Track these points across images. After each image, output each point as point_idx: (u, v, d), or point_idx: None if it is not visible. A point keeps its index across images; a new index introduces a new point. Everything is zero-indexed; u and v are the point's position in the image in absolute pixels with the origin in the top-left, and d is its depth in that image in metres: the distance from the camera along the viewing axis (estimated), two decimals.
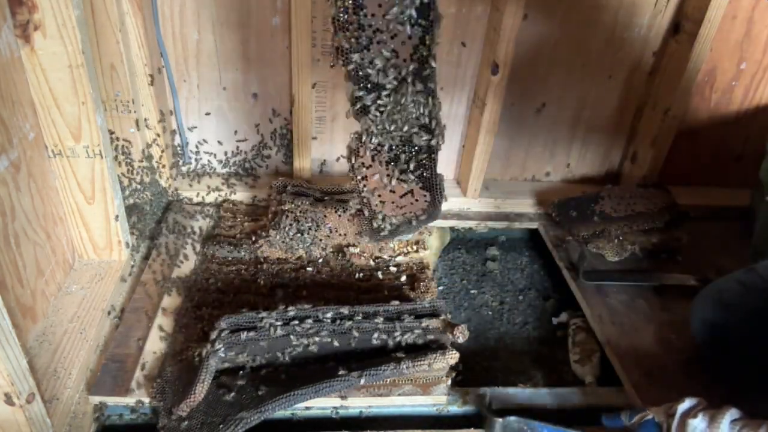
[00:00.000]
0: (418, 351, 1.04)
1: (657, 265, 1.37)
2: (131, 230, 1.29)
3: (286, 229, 1.29)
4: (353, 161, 1.00)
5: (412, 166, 0.99)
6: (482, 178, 1.52)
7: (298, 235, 1.30)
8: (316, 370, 1.01)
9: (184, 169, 1.52)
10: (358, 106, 0.95)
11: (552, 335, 1.34)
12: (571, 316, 1.34)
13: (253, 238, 1.31)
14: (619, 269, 1.35)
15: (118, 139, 1.31)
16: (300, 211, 1.30)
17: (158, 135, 1.36)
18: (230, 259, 1.29)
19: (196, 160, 1.51)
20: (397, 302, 1.10)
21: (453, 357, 1.03)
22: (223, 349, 0.99)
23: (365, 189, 1.02)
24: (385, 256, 1.32)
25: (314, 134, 1.48)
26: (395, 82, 0.92)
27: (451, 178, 1.61)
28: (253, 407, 0.93)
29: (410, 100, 0.93)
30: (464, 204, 1.54)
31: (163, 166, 1.40)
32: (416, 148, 0.98)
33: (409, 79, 0.93)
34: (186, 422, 0.93)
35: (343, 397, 1.01)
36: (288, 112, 1.45)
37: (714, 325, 1.08)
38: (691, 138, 1.57)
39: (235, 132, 1.49)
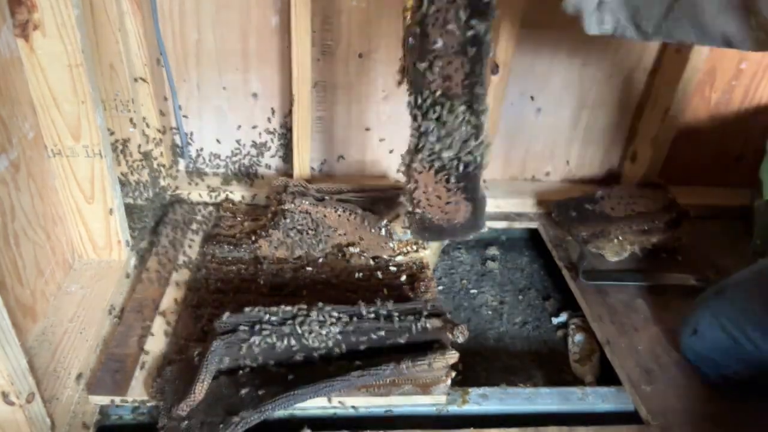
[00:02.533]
0: (417, 351, 1.04)
1: (657, 265, 1.36)
2: (131, 230, 1.29)
3: (286, 229, 1.29)
4: (408, 164, 1.07)
5: (458, 178, 1.06)
6: (482, 178, 1.51)
7: (298, 234, 1.30)
8: (315, 369, 1.01)
9: (183, 168, 1.52)
10: (416, 123, 1.02)
11: (552, 335, 1.34)
12: (571, 316, 1.34)
13: (253, 238, 1.31)
14: (619, 269, 1.35)
15: (117, 138, 1.31)
16: (300, 211, 1.30)
17: (158, 134, 1.36)
18: (230, 258, 1.29)
19: (195, 159, 1.51)
20: (397, 302, 1.10)
21: (453, 357, 1.03)
22: (223, 348, 0.99)
23: (416, 192, 1.09)
24: (385, 256, 1.32)
25: (314, 134, 1.48)
26: (452, 103, 1.00)
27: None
28: (253, 407, 0.93)
29: (461, 121, 1.01)
30: None
31: (163, 166, 1.40)
32: (464, 162, 1.05)
33: (461, 102, 1.00)
34: (186, 422, 0.93)
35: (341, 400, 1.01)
36: (288, 112, 1.45)
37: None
38: (691, 138, 1.57)
39: (235, 131, 1.49)
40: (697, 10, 0.84)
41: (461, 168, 1.05)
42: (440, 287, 1.44)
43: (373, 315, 1.07)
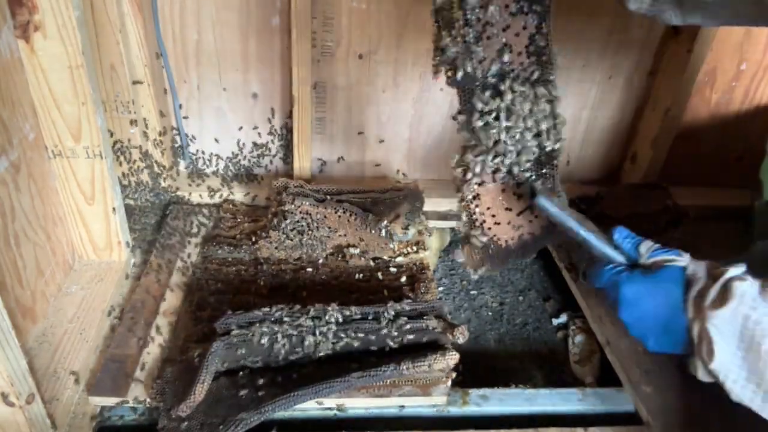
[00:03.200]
0: (418, 352, 1.04)
1: None
2: (131, 231, 1.29)
3: (287, 230, 1.29)
4: (463, 177, 0.87)
5: (531, 176, 0.87)
6: None
7: (299, 235, 1.30)
8: (316, 370, 1.01)
9: (183, 169, 1.52)
10: (470, 116, 0.82)
11: (552, 336, 1.34)
12: (571, 317, 1.34)
13: (253, 239, 1.31)
14: None
15: (118, 139, 1.31)
16: (300, 212, 1.30)
17: (158, 135, 1.36)
18: (230, 259, 1.29)
19: (196, 160, 1.51)
20: (397, 303, 1.10)
21: (453, 358, 1.03)
22: (223, 349, 0.99)
23: (477, 209, 0.88)
24: (385, 257, 1.32)
25: (314, 134, 1.48)
26: (514, 84, 0.82)
27: (452, 178, 1.61)
28: (253, 408, 0.93)
29: (530, 103, 0.82)
30: None
31: (163, 167, 1.40)
32: (536, 158, 0.86)
33: (526, 79, 0.81)
34: (186, 423, 0.93)
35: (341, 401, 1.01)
36: (288, 113, 1.45)
37: None
38: (691, 138, 1.57)
39: (236, 132, 1.49)
40: None
41: (534, 164, 0.86)
42: (440, 288, 1.44)
43: (373, 316, 1.07)
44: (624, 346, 1.15)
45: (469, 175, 0.87)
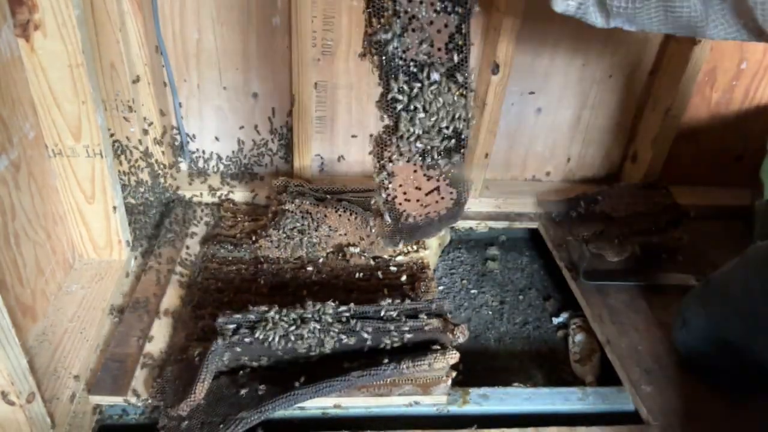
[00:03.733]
0: (418, 351, 1.04)
1: (657, 265, 1.36)
2: (131, 230, 1.29)
3: (287, 229, 1.29)
4: (380, 155, 0.96)
5: (441, 162, 0.96)
6: (483, 177, 1.52)
7: (299, 234, 1.30)
8: (316, 369, 1.01)
9: (184, 168, 1.52)
10: (389, 98, 0.90)
11: (552, 335, 1.34)
12: (572, 316, 1.34)
13: (253, 238, 1.31)
14: (619, 269, 1.35)
15: (118, 138, 1.31)
16: (300, 211, 1.30)
17: (158, 134, 1.36)
18: (230, 258, 1.29)
19: (196, 159, 1.51)
20: (397, 302, 1.10)
21: (453, 357, 1.03)
22: (223, 348, 0.99)
23: (390, 185, 0.97)
24: (385, 256, 1.32)
25: (314, 134, 1.48)
26: (431, 74, 0.89)
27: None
28: (253, 407, 0.93)
29: (445, 93, 0.90)
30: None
31: (163, 166, 1.40)
32: (447, 143, 0.95)
33: (444, 71, 0.89)
34: (186, 422, 0.93)
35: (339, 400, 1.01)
36: (288, 112, 1.45)
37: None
38: (691, 138, 1.57)
39: (236, 132, 1.49)
40: None
41: (445, 150, 0.94)
42: (441, 287, 1.44)
43: (373, 315, 1.07)
44: (624, 346, 1.16)
45: (386, 155, 0.95)
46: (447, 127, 0.94)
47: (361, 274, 1.28)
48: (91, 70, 1.03)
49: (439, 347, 1.04)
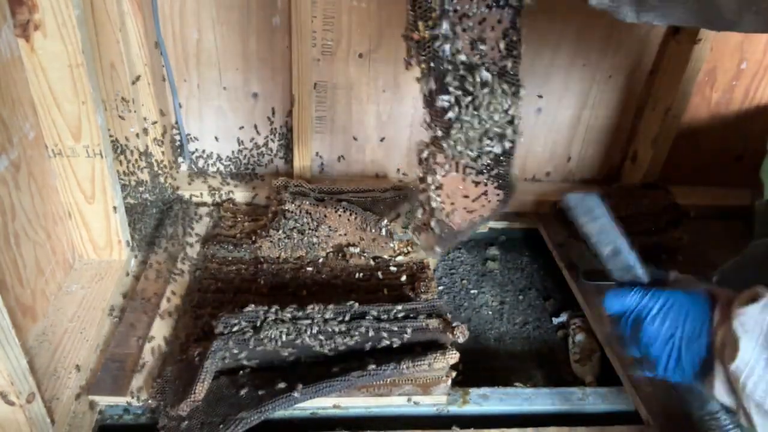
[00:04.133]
0: (418, 351, 1.04)
1: (657, 265, 1.36)
2: (131, 230, 1.29)
3: (287, 229, 1.29)
4: (427, 167, 0.90)
5: (491, 166, 0.89)
6: None
7: (299, 234, 1.30)
8: (316, 369, 1.01)
9: (184, 168, 1.52)
10: (439, 107, 0.84)
11: (552, 335, 1.34)
12: (571, 316, 1.34)
13: (253, 238, 1.31)
14: None
15: (118, 138, 1.31)
16: (300, 211, 1.30)
17: (158, 134, 1.36)
18: (230, 259, 1.29)
19: (196, 159, 1.51)
20: (397, 302, 1.10)
21: (453, 357, 1.03)
22: (223, 348, 0.99)
23: (439, 198, 0.91)
24: (385, 256, 1.32)
25: (315, 134, 1.48)
26: (484, 76, 0.82)
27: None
28: (253, 407, 0.93)
29: (498, 95, 0.83)
30: None
31: (164, 166, 1.40)
32: (498, 147, 0.88)
33: (497, 72, 0.81)
34: (186, 422, 0.93)
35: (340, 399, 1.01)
36: (288, 112, 1.45)
37: None
38: (691, 138, 1.57)
39: (236, 132, 1.49)
40: None
41: (495, 154, 0.87)
42: (440, 287, 1.44)
43: (373, 315, 1.07)
44: None
45: (434, 167, 0.89)
46: (499, 131, 0.87)
47: (361, 274, 1.28)
48: (91, 70, 1.03)
49: (439, 347, 1.04)
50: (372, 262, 1.31)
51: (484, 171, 0.90)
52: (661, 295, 0.81)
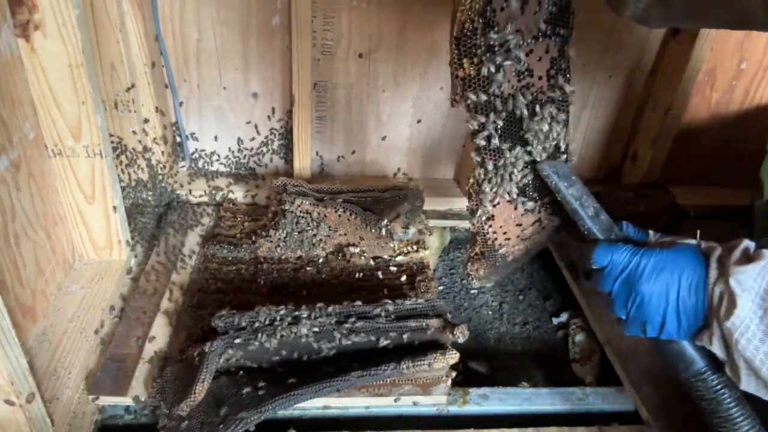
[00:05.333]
0: (418, 351, 1.04)
1: None
2: (131, 230, 1.29)
3: (287, 229, 1.29)
4: (479, 201, 0.88)
5: (544, 194, 0.88)
6: None
7: (298, 235, 1.30)
8: (316, 369, 1.01)
9: (183, 168, 1.52)
10: (492, 146, 0.82)
11: (552, 335, 1.34)
12: (572, 316, 1.34)
13: (253, 238, 1.31)
14: None
15: (118, 138, 1.31)
16: (300, 211, 1.30)
17: (158, 135, 1.36)
18: (230, 259, 1.29)
19: (195, 159, 1.51)
20: (397, 302, 1.10)
21: (453, 357, 1.03)
22: (223, 348, 0.99)
23: (491, 230, 0.89)
24: (385, 256, 1.32)
25: (314, 134, 1.48)
26: (534, 108, 0.81)
27: (451, 178, 1.61)
28: (253, 407, 0.93)
29: (548, 122, 0.82)
30: (465, 204, 1.53)
31: (163, 166, 1.40)
32: (552, 173, 0.87)
33: (545, 100, 0.80)
34: (186, 422, 0.93)
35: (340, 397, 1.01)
36: (288, 112, 1.45)
37: None
38: (691, 138, 1.57)
39: (236, 131, 1.49)
40: None
41: (541, 181, 0.86)
42: (440, 287, 1.44)
43: (373, 315, 1.07)
44: (624, 346, 1.15)
45: (485, 200, 0.87)
46: (549, 160, 0.86)
47: (361, 274, 1.28)
48: (91, 70, 1.03)
49: (439, 347, 1.04)
50: (372, 262, 1.31)
51: (537, 198, 0.88)
52: (653, 254, 0.79)
